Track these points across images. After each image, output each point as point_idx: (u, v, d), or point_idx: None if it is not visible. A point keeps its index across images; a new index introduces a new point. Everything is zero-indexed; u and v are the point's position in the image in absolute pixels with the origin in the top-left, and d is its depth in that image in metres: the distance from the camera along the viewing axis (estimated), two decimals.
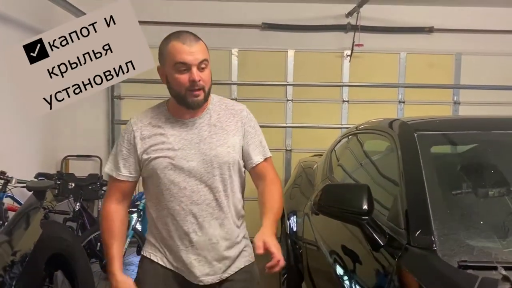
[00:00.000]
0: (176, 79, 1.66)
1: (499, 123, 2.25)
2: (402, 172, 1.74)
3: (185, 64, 1.64)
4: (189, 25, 5.05)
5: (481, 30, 5.17)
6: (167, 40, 1.69)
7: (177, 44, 1.65)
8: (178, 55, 1.63)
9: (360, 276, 1.75)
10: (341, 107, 5.33)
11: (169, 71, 1.68)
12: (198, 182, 1.70)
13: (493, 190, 1.70)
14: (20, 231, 2.56)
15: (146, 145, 1.71)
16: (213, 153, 1.70)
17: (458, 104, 5.32)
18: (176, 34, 1.68)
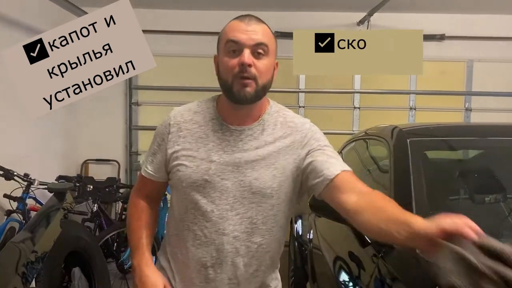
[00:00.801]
0: (224, 62, 1.33)
1: (490, 129, 2.34)
2: (392, 176, 1.85)
3: (237, 43, 1.30)
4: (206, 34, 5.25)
5: (492, 37, 5.20)
6: (228, 24, 1.40)
7: (234, 22, 1.36)
8: (231, 32, 1.33)
9: (350, 272, 1.86)
10: (352, 113, 5.41)
11: (220, 56, 1.37)
12: (229, 208, 1.37)
13: (475, 194, 1.80)
14: (41, 230, 2.74)
15: (179, 147, 1.40)
16: (254, 175, 1.36)
17: (470, 111, 5.34)
18: (240, 16, 1.38)
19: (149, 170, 1.48)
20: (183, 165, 1.38)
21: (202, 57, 5.28)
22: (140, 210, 1.52)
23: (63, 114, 4.96)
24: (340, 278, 2.00)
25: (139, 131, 5.43)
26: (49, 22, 4.57)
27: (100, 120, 5.36)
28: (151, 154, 1.48)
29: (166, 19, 5.30)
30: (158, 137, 1.46)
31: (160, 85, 5.33)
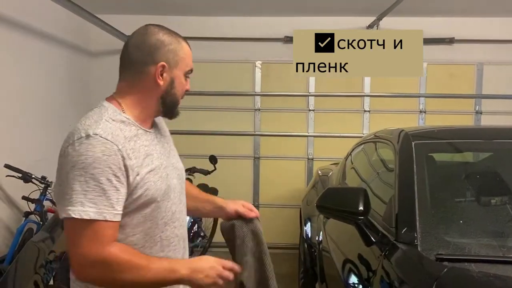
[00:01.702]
0: (183, 84, 1.47)
1: (495, 132, 2.37)
2: (397, 177, 1.90)
3: (192, 70, 1.49)
4: (214, 40, 5.35)
5: (502, 40, 5.21)
6: (176, 37, 1.43)
7: (187, 48, 1.46)
8: (190, 62, 1.47)
9: (357, 270, 1.91)
10: (362, 116, 5.45)
11: (178, 74, 1.44)
12: (178, 201, 1.47)
13: (480, 196, 1.85)
14: (58, 231, 2.84)
15: (140, 168, 1.31)
16: (180, 166, 1.55)
17: (480, 114, 5.35)
18: (179, 36, 1.46)
19: (118, 211, 1.25)
20: (151, 182, 1.33)
21: (211, 62, 5.40)
22: (126, 251, 1.27)
23: (75, 118, 5.07)
24: (348, 279, 2.05)
25: None
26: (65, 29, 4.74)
27: None
28: (115, 192, 1.24)
29: (177, 25, 5.18)
30: (110, 171, 1.23)
31: None
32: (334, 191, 2.08)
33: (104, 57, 5.47)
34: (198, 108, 5.43)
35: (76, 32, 5.00)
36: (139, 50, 1.41)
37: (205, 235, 4.90)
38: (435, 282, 1.29)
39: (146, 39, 1.41)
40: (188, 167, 4.35)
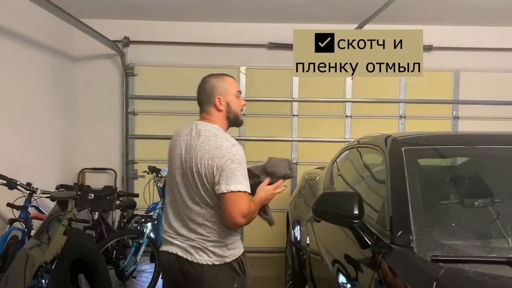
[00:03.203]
0: (238, 103, 2.22)
1: (479, 138, 2.49)
2: (389, 182, 1.98)
3: (240, 92, 2.27)
4: (200, 45, 5.37)
5: (478, 48, 5.42)
6: (221, 77, 2.24)
7: (231, 79, 2.26)
8: (236, 85, 2.26)
9: (351, 272, 1.97)
10: (344, 122, 5.57)
11: (232, 99, 2.20)
12: None
13: (466, 198, 1.95)
14: (48, 237, 2.82)
15: None
16: None
17: (457, 119, 5.54)
18: (222, 74, 2.28)
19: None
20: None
21: (197, 67, 5.42)
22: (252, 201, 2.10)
23: (61, 123, 5.03)
24: (340, 281, 2.11)
25: (135, 140, 5.51)
26: (49, 34, 4.68)
27: (97, 129, 5.44)
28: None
29: (162, 30, 5.41)
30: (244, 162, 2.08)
31: (156, 95, 5.43)
32: (329, 195, 2.15)
33: (89, 62, 5.42)
34: (183, 113, 5.43)
35: (60, 37, 4.95)
36: (204, 94, 2.24)
37: None
38: (434, 282, 1.36)
39: (205, 87, 2.24)
40: None
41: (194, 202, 2.09)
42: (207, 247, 2.07)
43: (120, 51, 5.30)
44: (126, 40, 5.37)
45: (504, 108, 5.43)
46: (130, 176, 5.48)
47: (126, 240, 4.30)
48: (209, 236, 2.08)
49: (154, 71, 5.46)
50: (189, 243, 2.10)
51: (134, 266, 3.97)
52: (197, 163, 2.06)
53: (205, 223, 2.08)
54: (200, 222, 2.08)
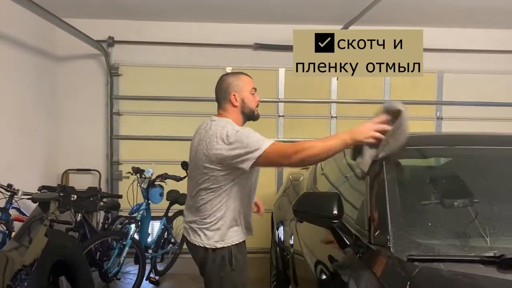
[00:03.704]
0: (253, 99, 2.39)
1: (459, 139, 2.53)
2: (368, 182, 1.99)
3: (255, 89, 2.42)
4: (186, 45, 5.36)
5: (462, 49, 5.49)
6: (236, 75, 2.41)
7: (247, 77, 2.42)
8: (251, 82, 2.41)
9: (331, 272, 1.99)
10: (329, 122, 5.60)
11: (247, 95, 2.37)
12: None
13: (445, 198, 1.97)
14: (28, 239, 2.78)
15: None
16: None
17: (441, 120, 5.61)
18: (238, 72, 2.47)
19: None
20: None
21: (182, 67, 5.41)
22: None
23: (44, 124, 4.98)
24: (323, 281, 2.12)
25: (120, 140, 5.47)
26: (31, 33, 4.63)
27: (81, 130, 5.39)
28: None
29: (147, 30, 5.38)
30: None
31: (141, 95, 5.40)
32: (309, 196, 2.15)
33: (72, 62, 5.37)
34: (168, 114, 5.42)
35: (43, 36, 4.90)
36: (220, 92, 2.40)
37: (175, 242, 4.88)
38: (408, 281, 1.37)
39: (222, 84, 2.40)
40: (159, 173, 4.33)
41: (198, 187, 2.32)
42: (202, 229, 2.30)
43: (105, 51, 5.25)
44: (110, 40, 5.32)
45: (485, 109, 5.51)
46: (114, 177, 5.44)
47: (111, 242, 4.26)
48: (205, 219, 2.30)
49: (139, 71, 5.42)
50: (190, 225, 2.39)
51: (118, 267, 3.93)
52: (205, 152, 2.24)
53: (204, 207, 2.30)
54: (199, 206, 2.32)
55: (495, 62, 5.54)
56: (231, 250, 2.28)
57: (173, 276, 4.76)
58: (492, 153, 2.36)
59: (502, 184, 2.21)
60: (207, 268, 2.32)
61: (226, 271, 2.27)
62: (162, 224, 4.60)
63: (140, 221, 4.11)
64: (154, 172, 4.31)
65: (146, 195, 4.24)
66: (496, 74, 5.56)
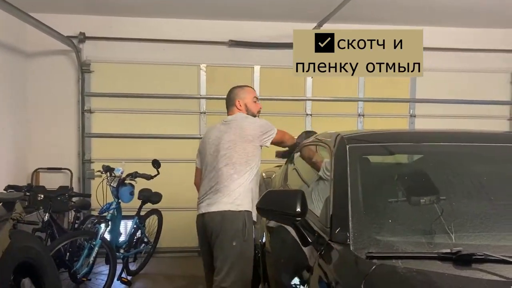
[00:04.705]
0: (254, 106, 3.07)
1: (424, 136, 2.54)
2: (332, 179, 1.99)
3: (257, 98, 3.10)
4: (159, 42, 5.28)
5: (434, 48, 5.54)
6: (241, 87, 3.11)
7: (250, 89, 3.15)
8: (253, 93, 3.12)
9: (295, 270, 1.97)
10: (305, 120, 5.60)
11: (249, 102, 3.04)
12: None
13: (409, 195, 1.97)
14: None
15: None
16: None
17: (414, 117, 5.67)
18: (244, 85, 3.16)
19: None
20: None
21: (156, 64, 5.33)
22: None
23: (12, 122, 4.85)
24: (287, 279, 2.11)
25: (92, 138, 5.36)
26: None
27: (52, 128, 5.26)
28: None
29: (120, 26, 5.29)
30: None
31: (113, 92, 5.30)
32: (273, 193, 2.13)
33: (42, 58, 5.24)
34: (141, 111, 5.34)
35: (11, 32, 4.76)
36: (229, 100, 3.12)
37: (148, 241, 4.81)
38: (364, 279, 1.36)
39: (230, 95, 3.13)
40: (129, 172, 4.26)
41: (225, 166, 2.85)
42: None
43: (76, 47, 5.14)
44: (81, 36, 5.21)
45: (457, 107, 5.60)
46: (87, 175, 5.33)
47: (82, 242, 4.17)
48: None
49: (111, 68, 5.33)
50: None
51: (87, 268, 3.85)
52: (247, 137, 2.87)
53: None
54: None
55: (467, 61, 5.63)
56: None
57: (146, 276, 4.70)
58: (459, 150, 2.37)
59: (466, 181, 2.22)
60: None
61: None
62: (134, 223, 4.53)
63: (110, 221, 4.03)
64: (124, 171, 4.23)
65: (116, 194, 4.16)
66: (469, 73, 5.65)
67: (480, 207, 1.95)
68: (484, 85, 5.73)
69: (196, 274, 4.73)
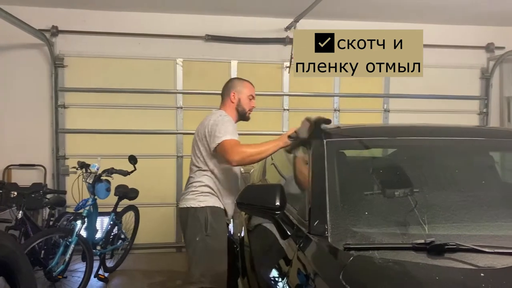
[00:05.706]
0: (248, 103, 2.97)
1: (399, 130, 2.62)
2: (310, 173, 2.02)
3: (254, 96, 3.00)
4: (135, 36, 5.21)
5: None
6: (241, 80, 3.04)
7: (249, 84, 3.03)
8: (251, 90, 3.01)
9: (274, 263, 2.01)
10: (282, 115, 5.64)
11: (243, 97, 2.94)
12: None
13: (385, 188, 2.03)
14: None
15: None
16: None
17: (388, 112, 5.78)
18: (244, 79, 3.06)
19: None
20: None
21: (131, 58, 5.26)
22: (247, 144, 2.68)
23: None
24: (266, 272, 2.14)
25: (66, 134, 5.26)
26: None
27: (24, 123, 5.14)
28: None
29: (94, 19, 5.19)
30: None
31: (87, 87, 5.21)
32: (253, 188, 2.15)
33: (13, 52, 5.11)
34: (117, 106, 5.27)
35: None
36: (226, 89, 3.01)
37: (125, 238, 4.77)
38: (342, 270, 1.40)
39: (228, 84, 3.03)
40: (105, 168, 4.21)
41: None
42: None
43: (48, 41, 5.02)
44: (54, 30, 5.10)
45: (430, 102, 5.75)
46: (61, 172, 5.24)
47: (57, 239, 4.10)
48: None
49: (85, 62, 5.23)
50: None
51: (63, 266, 3.79)
52: (200, 136, 2.81)
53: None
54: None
55: (439, 57, 5.76)
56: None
57: (123, 272, 4.67)
58: (431, 144, 2.45)
59: (438, 174, 2.30)
60: None
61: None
62: (110, 220, 4.49)
63: (87, 217, 3.98)
64: (100, 167, 4.18)
65: (92, 191, 4.11)
66: (440, 68, 5.78)
67: (452, 199, 2.02)
68: (455, 80, 5.89)
69: (174, 269, 4.74)
